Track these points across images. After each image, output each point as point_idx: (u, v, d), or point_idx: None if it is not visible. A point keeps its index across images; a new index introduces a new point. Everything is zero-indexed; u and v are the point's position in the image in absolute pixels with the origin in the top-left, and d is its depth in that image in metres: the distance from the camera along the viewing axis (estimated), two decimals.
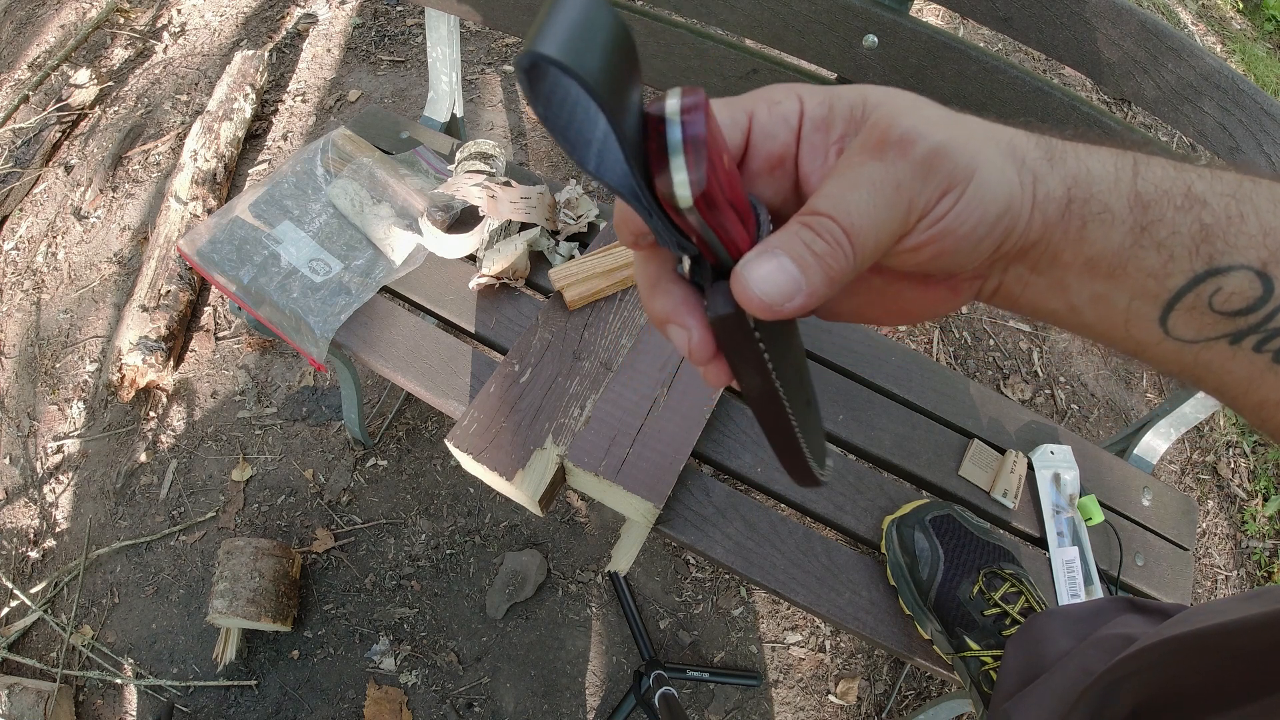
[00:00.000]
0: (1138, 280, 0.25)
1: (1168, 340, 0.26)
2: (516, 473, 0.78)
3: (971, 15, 0.82)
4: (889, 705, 1.31)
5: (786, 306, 0.23)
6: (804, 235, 0.23)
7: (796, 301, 0.23)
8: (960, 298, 0.29)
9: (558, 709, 1.26)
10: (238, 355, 1.57)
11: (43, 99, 1.94)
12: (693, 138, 0.20)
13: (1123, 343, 0.27)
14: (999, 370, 1.70)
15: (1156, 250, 0.25)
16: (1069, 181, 0.25)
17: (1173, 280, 0.25)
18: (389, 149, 1.12)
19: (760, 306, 0.23)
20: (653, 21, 0.97)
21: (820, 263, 0.23)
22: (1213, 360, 0.26)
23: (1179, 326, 0.25)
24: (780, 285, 0.23)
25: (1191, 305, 0.25)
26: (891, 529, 0.81)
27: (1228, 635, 0.38)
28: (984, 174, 0.24)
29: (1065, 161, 0.25)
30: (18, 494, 1.41)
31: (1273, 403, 0.25)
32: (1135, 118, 2.24)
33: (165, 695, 1.23)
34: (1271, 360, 0.25)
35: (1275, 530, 1.62)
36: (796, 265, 0.23)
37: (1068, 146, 0.26)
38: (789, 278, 0.23)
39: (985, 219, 0.24)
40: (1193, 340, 0.25)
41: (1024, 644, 0.66)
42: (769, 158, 0.27)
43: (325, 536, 1.36)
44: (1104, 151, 0.26)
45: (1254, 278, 0.24)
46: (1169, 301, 0.25)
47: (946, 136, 0.24)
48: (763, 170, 0.27)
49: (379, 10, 2.18)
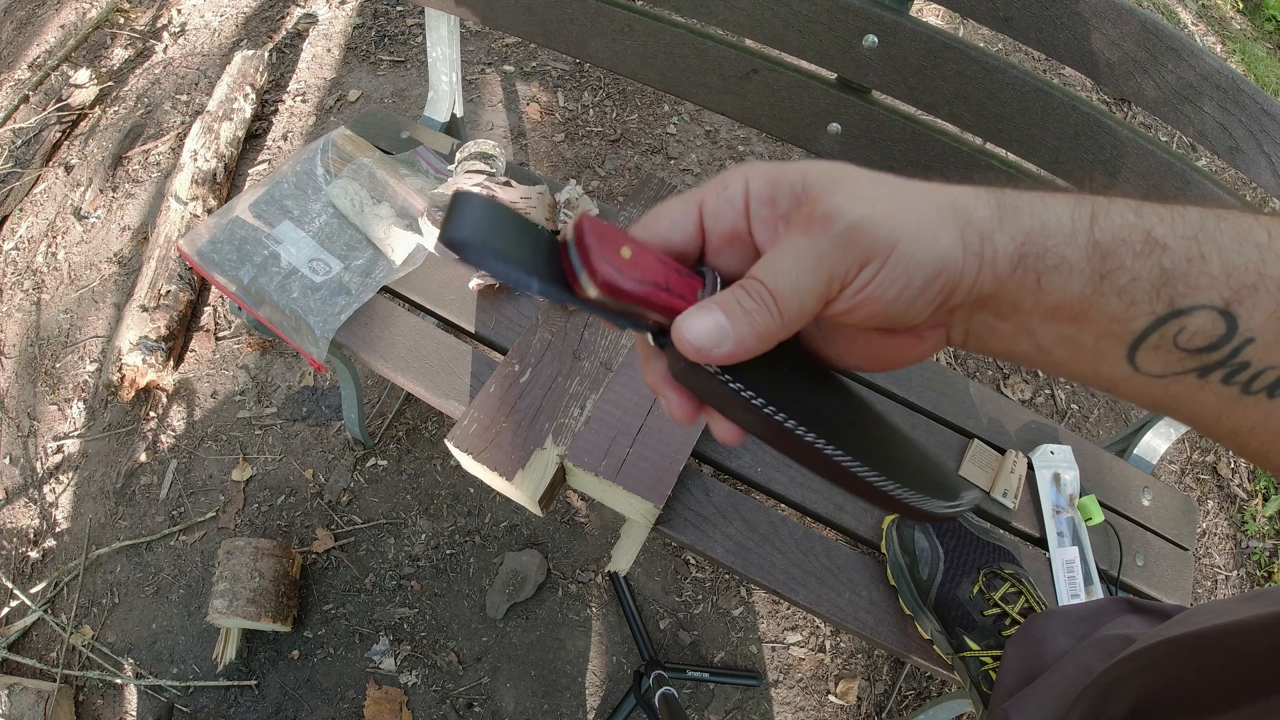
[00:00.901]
0: (1101, 324, 0.26)
1: (1137, 375, 0.27)
2: (516, 473, 0.78)
3: (971, 15, 0.82)
4: (889, 705, 1.31)
5: (715, 352, 0.27)
6: (736, 294, 0.27)
7: (725, 348, 0.27)
8: (926, 344, 0.31)
9: (558, 709, 1.26)
10: (238, 355, 1.57)
11: (43, 99, 1.94)
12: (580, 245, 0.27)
13: (1094, 379, 0.28)
14: (999, 370, 1.70)
15: (1118, 296, 0.25)
16: (1020, 238, 0.26)
17: (1136, 323, 0.25)
18: (389, 149, 1.12)
19: (691, 349, 0.27)
20: (653, 21, 0.97)
21: (748, 316, 0.27)
22: (1182, 393, 0.26)
23: (1146, 363, 0.26)
24: (709, 332, 0.27)
25: (1157, 344, 0.25)
26: (891, 529, 0.81)
27: (1227, 636, 0.38)
28: (906, 246, 0.26)
29: (1019, 217, 0.26)
30: (18, 494, 1.41)
31: (1246, 429, 0.26)
32: (1135, 118, 2.24)
33: (165, 695, 1.23)
34: (1240, 392, 0.25)
35: (1275, 530, 1.62)
36: (726, 317, 0.27)
37: (1022, 200, 0.27)
38: (718, 326, 0.27)
39: (911, 285, 0.26)
40: (1161, 375, 0.26)
41: (1023, 644, 0.66)
42: (722, 235, 0.31)
43: (325, 536, 1.36)
44: (1061, 202, 0.27)
45: (1217, 316, 0.24)
46: (1134, 342, 0.26)
47: (866, 214, 0.26)
48: (721, 245, 0.31)
49: (379, 10, 2.18)
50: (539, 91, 2.03)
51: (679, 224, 0.31)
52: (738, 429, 0.31)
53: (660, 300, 0.28)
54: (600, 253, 0.27)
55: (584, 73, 2.09)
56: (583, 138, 1.95)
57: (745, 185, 0.30)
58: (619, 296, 0.27)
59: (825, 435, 0.29)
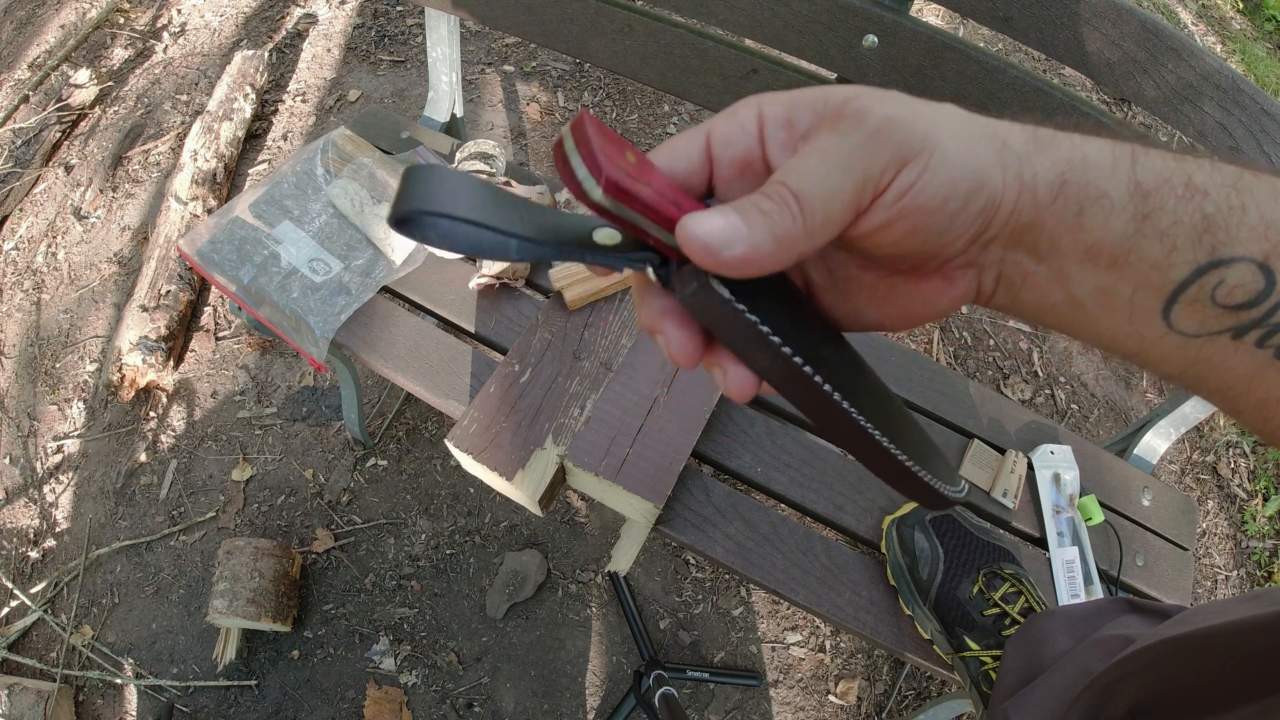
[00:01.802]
0: (1140, 271, 0.25)
1: (1170, 335, 0.26)
2: (516, 473, 0.78)
3: (971, 15, 0.82)
4: (889, 705, 1.31)
5: (725, 254, 0.24)
6: (753, 197, 0.24)
7: (737, 250, 0.24)
8: (956, 288, 0.28)
9: (558, 709, 1.26)
10: (238, 355, 1.57)
11: (43, 99, 1.94)
12: (583, 143, 0.24)
13: (1125, 340, 0.27)
14: (999, 370, 1.70)
15: (1159, 240, 0.24)
16: (1061, 165, 0.25)
17: (1176, 271, 0.24)
18: (389, 149, 1.12)
19: (698, 247, 0.24)
20: (653, 21, 0.97)
21: (765, 218, 0.24)
22: (1214, 356, 0.25)
23: (1182, 320, 0.25)
24: (721, 230, 0.24)
25: (1194, 298, 0.24)
26: (891, 529, 0.81)
27: (1226, 636, 0.38)
28: (947, 148, 0.24)
29: (1057, 146, 0.25)
30: (18, 494, 1.41)
31: (1274, 400, 0.25)
32: (1135, 118, 2.24)
33: (165, 695, 1.23)
34: (1273, 356, 0.24)
35: (1275, 530, 1.62)
36: (741, 217, 0.24)
37: (1059, 134, 0.26)
38: (731, 225, 0.24)
39: (954, 194, 0.24)
40: (1195, 334, 0.25)
41: (1024, 644, 0.66)
42: (733, 163, 0.28)
43: (325, 536, 1.36)
44: (1100, 140, 0.25)
45: (1256, 270, 0.23)
46: (1172, 293, 0.25)
47: (902, 111, 0.24)
48: (732, 175, 0.28)
49: (379, 10, 2.18)
50: (539, 91, 2.03)
51: (682, 153, 0.28)
52: (752, 377, 0.27)
53: (668, 212, 0.25)
54: (606, 151, 0.24)
55: (584, 73, 2.09)
56: None
57: (759, 109, 0.27)
58: (626, 200, 0.24)
59: (844, 394, 0.27)
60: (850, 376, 0.28)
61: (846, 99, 0.25)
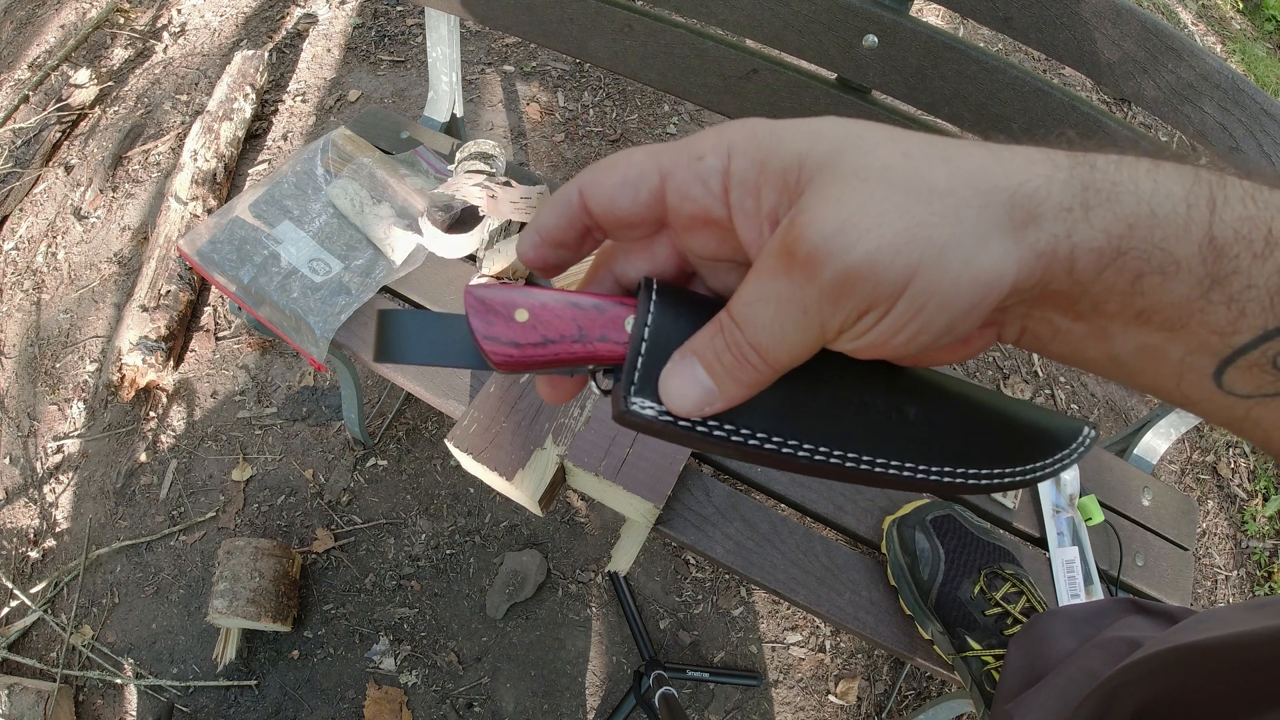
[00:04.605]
0: (1199, 337, 0.21)
1: (1219, 395, 0.23)
2: (516, 473, 0.78)
3: (971, 15, 0.82)
4: (889, 705, 1.31)
5: (707, 410, 0.25)
6: (716, 344, 0.24)
7: (716, 406, 0.25)
8: (970, 348, 0.26)
9: (558, 709, 1.26)
10: (238, 355, 1.57)
11: (43, 99, 1.94)
12: (473, 330, 0.26)
13: (1167, 395, 0.24)
14: (999, 370, 1.70)
15: (1227, 305, 0.21)
16: (1120, 229, 0.20)
17: (1239, 337, 0.21)
18: (389, 149, 1.12)
19: (682, 415, 0.25)
20: (653, 21, 0.96)
21: (730, 374, 0.24)
22: (1264, 416, 0.23)
23: (1234, 383, 0.22)
24: (695, 396, 0.25)
25: (1254, 363, 0.21)
26: (892, 529, 0.81)
27: (1233, 647, 0.37)
28: (929, 276, 0.20)
29: (1118, 200, 0.21)
30: (18, 494, 1.41)
31: None
32: (1135, 118, 2.24)
33: (165, 695, 1.23)
34: None
35: (1275, 530, 1.62)
36: (709, 375, 0.25)
37: (1123, 174, 0.21)
38: (702, 388, 0.25)
39: (931, 325, 0.22)
40: (1246, 396, 0.22)
41: (1027, 644, 0.66)
42: (691, 217, 0.25)
43: (325, 536, 1.36)
44: (1174, 178, 0.21)
45: None
46: (1229, 357, 0.22)
47: (864, 251, 0.20)
48: (691, 226, 0.26)
49: (379, 10, 2.18)
50: (539, 91, 2.03)
51: (631, 188, 0.25)
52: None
53: (575, 353, 0.26)
54: (488, 331, 0.25)
55: (584, 73, 2.09)
56: (583, 138, 1.95)
57: (726, 161, 0.24)
58: (523, 368, 0.26)
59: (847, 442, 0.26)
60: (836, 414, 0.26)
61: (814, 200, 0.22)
